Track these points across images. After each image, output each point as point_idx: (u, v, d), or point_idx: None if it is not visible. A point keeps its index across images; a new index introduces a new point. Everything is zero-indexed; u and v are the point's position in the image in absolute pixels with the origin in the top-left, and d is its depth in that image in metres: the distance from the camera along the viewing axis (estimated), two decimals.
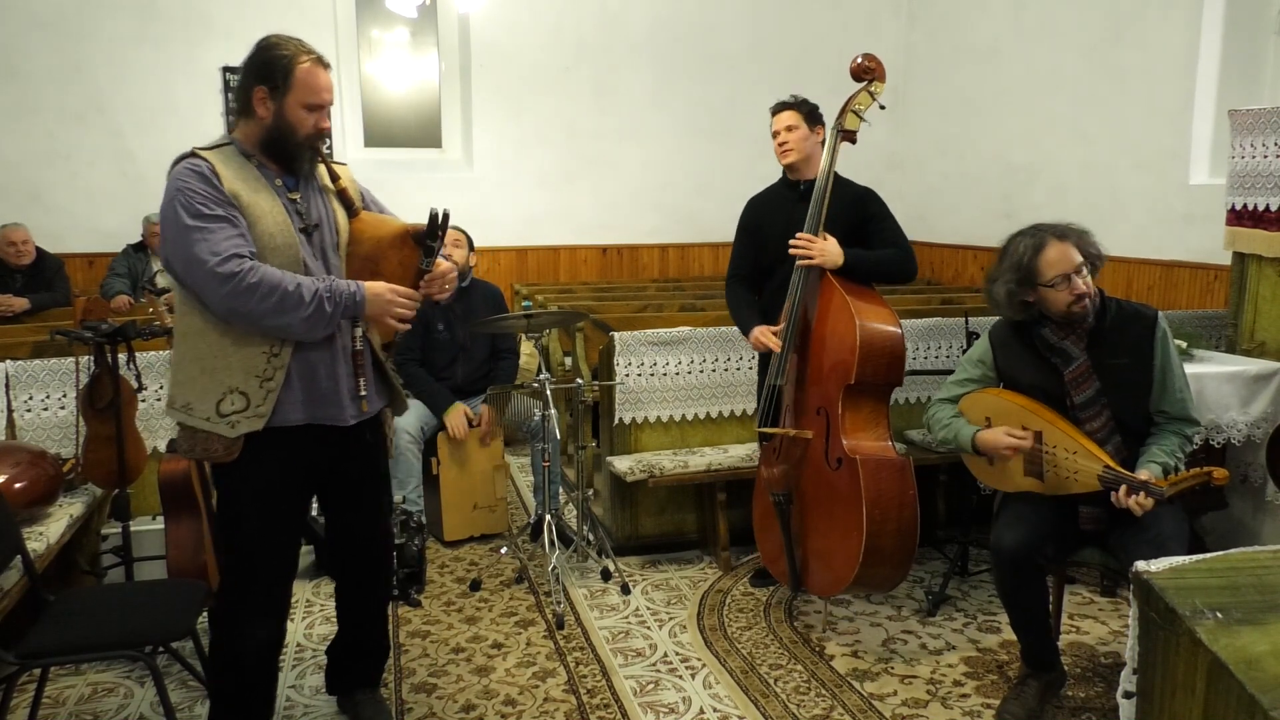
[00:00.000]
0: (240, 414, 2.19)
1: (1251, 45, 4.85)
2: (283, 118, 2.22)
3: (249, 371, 2.19)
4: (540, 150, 7.19)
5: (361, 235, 2.36)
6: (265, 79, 2.21)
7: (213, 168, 2.15)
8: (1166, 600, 1.33)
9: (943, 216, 7.09)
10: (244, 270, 2.09)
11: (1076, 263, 2.61)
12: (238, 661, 2.38)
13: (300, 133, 2.24)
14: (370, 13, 7.02)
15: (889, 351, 3.06)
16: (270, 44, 2.25)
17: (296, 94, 2.21)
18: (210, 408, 2.19)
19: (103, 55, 6.26)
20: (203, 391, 2.20)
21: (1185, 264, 4.99)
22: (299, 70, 2.21)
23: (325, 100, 2.26)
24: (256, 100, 2.22)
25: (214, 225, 2.10)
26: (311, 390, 2.28)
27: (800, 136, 3.36)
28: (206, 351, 2.19)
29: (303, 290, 2.14)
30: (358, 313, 2.24)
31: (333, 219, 2.36)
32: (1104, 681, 2.94)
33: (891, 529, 2.95)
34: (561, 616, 3.39)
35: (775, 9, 7.42)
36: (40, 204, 6.15)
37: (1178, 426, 2.67)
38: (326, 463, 2.41)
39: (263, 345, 2.20)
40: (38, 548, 2.75)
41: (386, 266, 2.32)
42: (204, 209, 2.11)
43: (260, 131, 2.25)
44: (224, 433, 2.19)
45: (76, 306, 5.56)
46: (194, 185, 2.12)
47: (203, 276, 2.10)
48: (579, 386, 3.82)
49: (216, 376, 2.19)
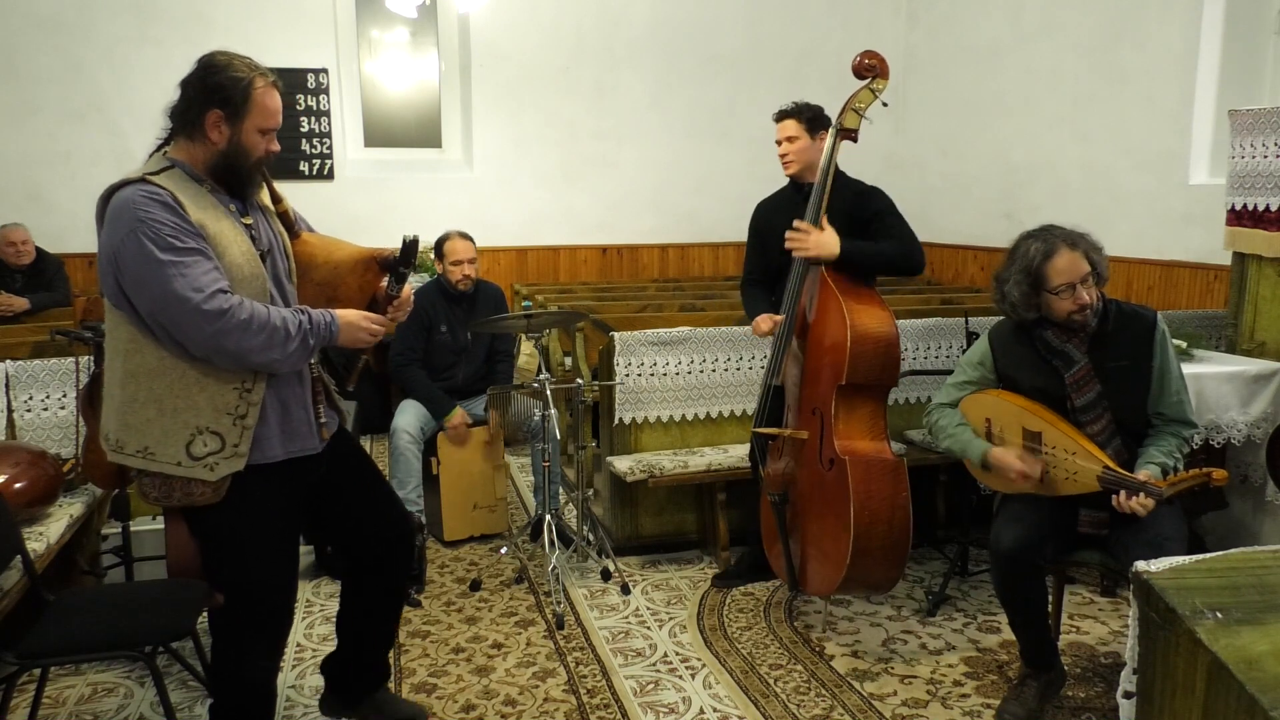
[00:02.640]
0: (217, 455, 2.09)
1: (1251, 45, 4.85)
2: (238, 142, 2.11)
3: (219, 410, 2.09)
4: (540, 150, 7.19)
5: (314, 260, 2.29)
6: (222, 103, 2.08)
7: (174, 196, 2.02)
8: (1166, 600, 1.33)
9: (943, 216, 7.09)
10: (233, 306, 2.00)
11: (1084, 272, 2.60)
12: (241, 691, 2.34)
13: (253, 156, 2.15)
14: (370, 13, 7.02)
15: (882, 352, 3.05)
16: (221, 64, 2.10)
17: (254, 118, 2.11)
18: (178, 451, 2.07)
19: (103, 55, 6.27)
20: (164, 434, 2.07)
21: (1185, 264, 4.99)
22: (256, 93, 2.10)
23: (278, 123, 2.17)
24: (210, 124, 2.09)
25: (189, 259, 1.99)
26: (286, 424, 2.22)
27: (800, 147, 3.36)
28: (165, 392, 2.07)
29: (288, 324, 2.08)
30: (332, 342, 2.18)
31: (282, 243, 2.28)
32: (1104, 681, 2.94)
33: (881, 530, 2.94)
34: (561, 616, 3.39)
35: (775, 9, 7.42)
36: (40, 204, 6.15)
37: (1175, 428, 2.68)
38: (310, 490, 2.36)
39: (233, 382, 2.10)
40: (38, 548, 2.75)
41: (345, 291, 2.26)
42: (176, 241, 1.98)
43: (210, 155, 2.13)
44: (204, 476, 2.08)
45: (76, 306, 5.55)
46: (159, 215, 1.99)
47: (184, 315, 1.98)
48: (579, 386, 3.82)
49: (179, 417, 2.07)
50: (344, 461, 2.46)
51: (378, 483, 2.59)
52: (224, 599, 2.26)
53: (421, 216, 6.50)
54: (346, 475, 2.48)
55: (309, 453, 2.29)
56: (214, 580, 2.26)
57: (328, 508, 2.46)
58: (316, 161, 6.80)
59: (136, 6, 6.28)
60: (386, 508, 2.58)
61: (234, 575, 2.24)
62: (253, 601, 2.26)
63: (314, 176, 6.75)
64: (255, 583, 2.24)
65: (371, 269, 2.27)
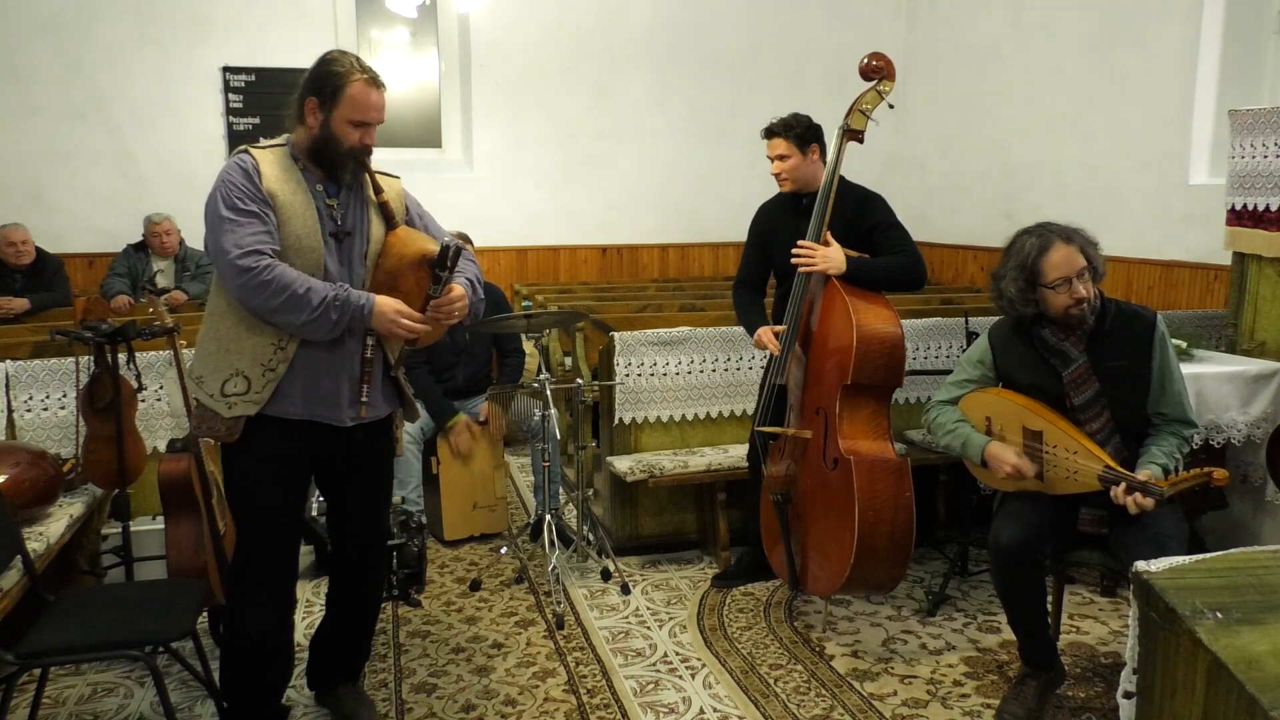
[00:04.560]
0: (239, 396, 2.31)
1: (1251, 45, 4.84)
2: (329, 129, 2.33)
3: (256, 358, 2.31)
4: (540, 150, 7.18)
5: (390, 250, 2.43)
6: (317, 91, 2.32)
7: (257, 165, 2.30)
8: (1166, 600, 1.32)
9: (943, 216, 7.09)
10: (260, 267, 2.20)
11: (1079, 266, 2.61)
12: (239, 650, 2.49)
13: (344, 145, 2.34)
14: (370, 13, 7.02)
15: (887, 353, 3.05)
16: (328, 59, 2.35)
17: (344, 109, 2.32)
18: (216, 385, 2.31)
19: (103, 55, 6.26)
20: (215, 368, 2.32)
21: (1185, 264, 4.99)
22: (350, 87, 2.31)
23: (372, 118, 2.36)
24: (308, 110, 2.34)
25: (244, 219, 2.23)
26: (312, 388, 2.36)
27: (793, 165, 3.37)
28: (225, 333, 2.32)
29: (312, 294, 2.23)
30: (364, 324, 2.32)
31: (367, 229, 2.43)
32: (1104, 681, 2.94)
33: (885, 530, 2.95)
34: (561, 616, 3.39)
35: (775, 9, 7.42)
36: (40, 204, 6.14)
37: (1175, 428, 2.68)
38: (328, 455, 2.49)
39: (272, 336, 2.30)
40: (38, 548, 2.75)
41: (404, 284, 2.39)
42: (239, 203, 2.24)
43: (308, 139, 2.36)
44: (221, 411, 2.31)
45: (76, 306, 5.56)
46: (236, 179, 2.26)
47: (224, 265, 2.23)
48: (579, 386, 3.82)
49: (228, 358, 2.31)
50: (363, 458, 2.56)
51: (378, 491, 2.69)
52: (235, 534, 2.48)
53: None
54: (357, 470, 2.58)
55: (331, 422, 2.40)
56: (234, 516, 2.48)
57: (335, 487, 2.62)
58: None
59: (136, 6, 6.28)
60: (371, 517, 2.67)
61: (240, 507, 2.45)
62: (254, 534, 2.44)
63: None
64: (257, 514, 2.43)
65: (423, 267, 2.37)
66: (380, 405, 2.50)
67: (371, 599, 2.77)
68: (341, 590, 2.73)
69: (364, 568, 2.71)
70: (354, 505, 2.63)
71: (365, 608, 2.75)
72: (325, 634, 2.79)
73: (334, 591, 2.75)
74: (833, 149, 3.21)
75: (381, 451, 2.62)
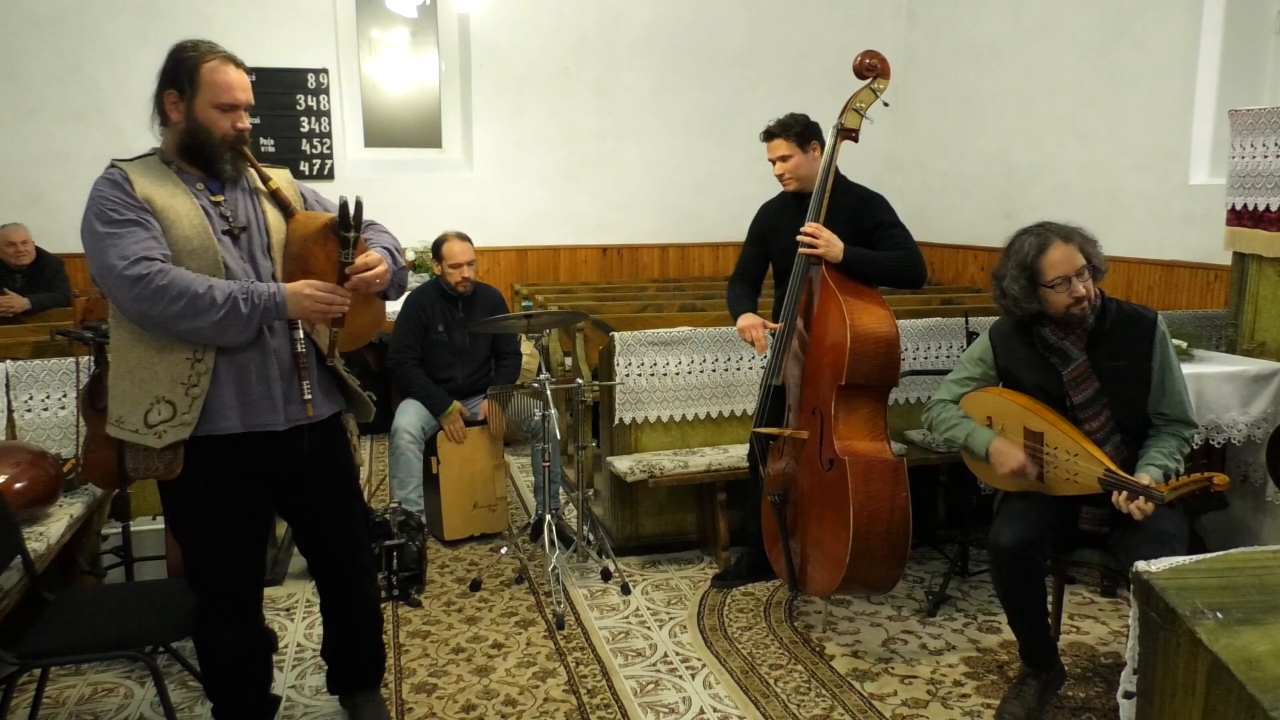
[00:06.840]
0: (166, 423, 2.14)
1: (1251, 45, 4.85)
2: (195, 120, 2.18)
3: (174, 379, 2.15)
4: (540, 150, 7.19)
5: (293, 234, 2.29)
6: (174, 82, 2.19)
7: (125, 175, 2.14)
8: (1166, 600, 1.32)
9: (943, 216, 7.09)
10: (152, 272, 2.04)
11: (1079, 265, 2.61)
12: (214, 666, 2.40)
13: (215, 134, 2.19)
14: (370, 13, 7.02)
15: (882, 353, 3.05)
16: (179, 47, 2.20)
17: (205, 94, 2.17)
18: (139, 419, 2.15)
19: (103, 55, 6.27)
20: (133, 403, 2.16)
21: (1185, 264, 4.99)
22: (204, 69, 2.16)
23: (238, 99, 2.20)
24: (168, 106, 2.20)
25: (124, 229, 2.07)
26: (244, 395, 2.22)
27: (795, 164, 3.38)
28: (135, 363, 2.16)
29: (214, 293, 2.08)
30: (281, 314, 2.18)
31: (263, 221, 2.30)
32: (1104, 681, 2.94)
33: (881, 530, 2.94)
34: (561, 616, 3.39)
35: (775, 9, 7.42)
36: (40, 204, 6.15)
37: (1176, 429, 2.68)
38: (278, 470, 2.34)
39: (185, 351, 2.15)
40: (38, 548, 2.75)
41: (315, 264, 2.24)
42: (114, 215, 2.08)
43: (176, 137, 2.21)
44: (151, 444, 2.14)
45: (76, 306, 5.55)
46: (106, 192, 2.11)
47: (114, 282, 2.06)
48: (579, 386, 3.82)
49: (144, 387, 2.15)
50: (316, 464, 2.41)
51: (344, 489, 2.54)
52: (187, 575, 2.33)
53: (422, 216, 6.50)
54: (313, 478, 2.43)
55: (269, 428, 2.26)
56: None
57: (295, 499, 2.45)
58: (316, 161, 6.80)
59: (136, 6, 6.29)
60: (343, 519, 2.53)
61: (185, 544, 2.31)
62: (201, 573, 2.31)
63: (314, 176, 6.75)
64: (203, 555, 2.29)
65: (330, 238, 2.23)
66: (323, 403, 2.36)
67: (369, 601, 2.65)
68: (334, 600, 2.61)
69: (353, 572, 2.58)
70: (321, 510, 2.48)
71: (365, 613, 2.64)
72: (330, 644, 2.69)
73: (326, 602, 2.62)
74: (826, 148, 3.21)
75: (336, 455, 2.47)
